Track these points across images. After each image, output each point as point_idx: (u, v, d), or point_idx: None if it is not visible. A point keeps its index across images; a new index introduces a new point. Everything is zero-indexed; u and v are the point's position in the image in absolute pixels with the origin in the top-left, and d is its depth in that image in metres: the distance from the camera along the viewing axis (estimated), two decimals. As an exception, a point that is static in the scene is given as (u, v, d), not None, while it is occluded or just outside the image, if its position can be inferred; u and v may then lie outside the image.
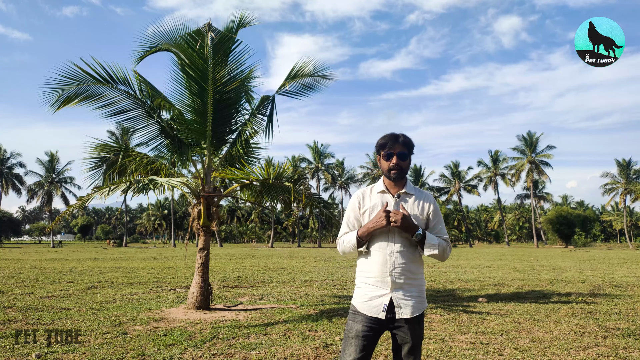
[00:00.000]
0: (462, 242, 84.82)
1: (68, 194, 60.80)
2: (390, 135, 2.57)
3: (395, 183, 2.57)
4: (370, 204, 2.56)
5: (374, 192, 2.60)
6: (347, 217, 2.65)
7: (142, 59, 7.84)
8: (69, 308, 7.53)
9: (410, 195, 2.57)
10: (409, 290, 2.46)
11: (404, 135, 2.58)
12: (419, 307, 2.48)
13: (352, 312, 2.55)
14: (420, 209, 2.55)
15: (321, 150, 68.79)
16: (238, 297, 9.14)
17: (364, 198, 2.61)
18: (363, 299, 2.50)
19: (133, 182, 7.03)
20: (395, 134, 2.57)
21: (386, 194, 2.57)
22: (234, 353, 4.85)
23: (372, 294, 2.47)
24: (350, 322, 2.53)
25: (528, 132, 65.43)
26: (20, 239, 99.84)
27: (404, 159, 2.54)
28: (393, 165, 2.52)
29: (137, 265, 18.47)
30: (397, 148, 2.53)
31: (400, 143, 2.54)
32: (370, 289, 2.49)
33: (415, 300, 2.47)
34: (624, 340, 5.44)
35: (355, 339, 2.45)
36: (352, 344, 2.45)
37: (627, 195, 61.15)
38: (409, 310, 2.43)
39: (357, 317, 2.50)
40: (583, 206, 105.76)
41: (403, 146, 2.54)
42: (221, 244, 63.48)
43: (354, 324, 2.49)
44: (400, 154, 2.53)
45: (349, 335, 2.49)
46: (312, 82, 8.29)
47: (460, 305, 8.18)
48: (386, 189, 2.58)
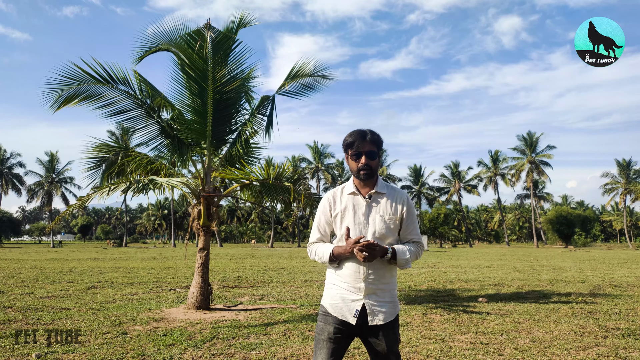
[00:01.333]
0: (462, 242, 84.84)
1: (68, 194, 60.86)
2: (357, 133, 2.43)
3: (365, 183, 2.47)
4: (342, 207, 2.47)
5: (345, 194, 2.49)
6: (318, 221, 2.54)
7: (141, 58, 7.84)
8: (69, 308, 7.53)
9: (382, 195, 2.47)
10: (382, 296, 2.38)
11: (371, 132, 2.44)
12: (392, 312, 2.41)
13: (323, 313, 2.45)
14: (394, 209, 2.45)
15: (321, 150, 68.80)
16: (238, 297, 9.14)
17: (335, 200, 2.50)
18: (334, 300, 2.41)
19: (133, 182, 7.04)
20: (362, 131, 2.43)
21: (357, 196, 2.46)
22: (234, 353, 4.85)
23: (344, 297, 2.38)
24: (320, 323, 2.43)
25: (528, 132, 65.51)
26: (20, 239, 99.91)
27: (373, 157, 2.41)
28: (362, 166, 2.40)
29: (137, 265, 18.47)
30: (365, 147, 2.40)
31: (368, 141, 2.41)
32: (342, 292, 2.40)
33: (388, 306, 2.39)
34: (624, 340, 5.44)
35: (327, 342, 2.36)
36: (323, 346, 2.37)
37: (627, 195, 61.15)
38: (382, 316, 2.36)
39: (328, 318, 2.41)
40: (583, 206, 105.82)
41: (372, 144, 2.41)
42: (221, 244, 63.49)
43: (325, 325, 2.40)
44: (369, 153, 2.40)
45: (319, 337, 2.40)
46: (312, 82, 8.29)
47: (460, 305, 8.18)
48: (357, 189, 2.47)
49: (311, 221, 75.02)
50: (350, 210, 2.44)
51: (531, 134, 65.22)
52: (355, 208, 2.45)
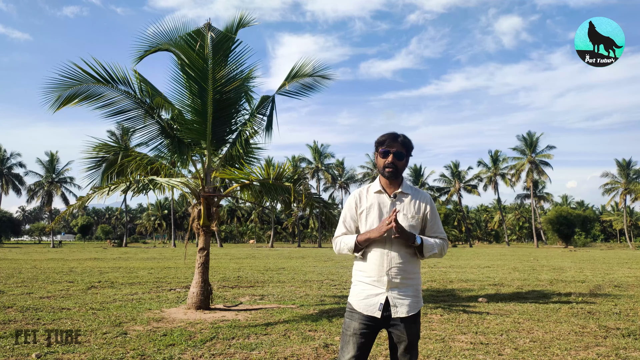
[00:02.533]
0: (462, 242, 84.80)
1: (68, 194, 60.82)
2: (390, 134, 2.58)
3: (390, 182, 2.58)
4: (367, 204, 2.58)
5: (371, 192, 2.61)
6: (344, 217, 2.66)
7: (141, 58, 7.84)
8: (69, 308, 7.53)
9: (406, 195, 2.58)
10: (405, 290, 2.48)
11: (404, 135, 2.60)
12: (415, 306, 2.49)
13: (349, 310, 2.56)
14: (417, 208, 2.56)
15: (321, 150, 68.78)
16: (238, 297, 9.14)
17: (361, 198, 2.62)
18: (359, 297, 2.52)
19: (133, 182, 7.04)
20: (395, 134, 2.58)
21: (383, 194, 2.58)
22: (234, 353, 4.85)
23: (368, 293, 2.49)
24: (347, 320, 2.54)
25: (528, 132, 65.48)
26: (20, 239, 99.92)
27: (400, 158, 2.54)
28: (388, 163, 2.53)
29: (137, 265, 18.47)
30: (394, 147, 2.54)
31: (398, 142, 2.55)
32: (366, 287, 2.51)
33: (411, 300, 2.48)
34: (624, 340, 5.44)
35: (353, 337, 2.46)
36: (349, 342, 2.47)
37: (627, 195, 61.14)
38: (405, 309, 2.45)
39: (354, 315, 2.51)
40: (583, 206, 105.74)
41: (401, 146, 2.55)
42: (221, 244, 63.48)
43: (351, 322, 2.51)
44: (397, 153, 2.54)
45: (346, 333, 2.51)
46: (312, 82, 8.29)
47: (460, 305, 8.18)
48: (382, 188, 2.59)
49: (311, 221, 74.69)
50: (375, 207, 2.56)
51: (531, 134, 65.23)
52: (381, 206, 2.56)
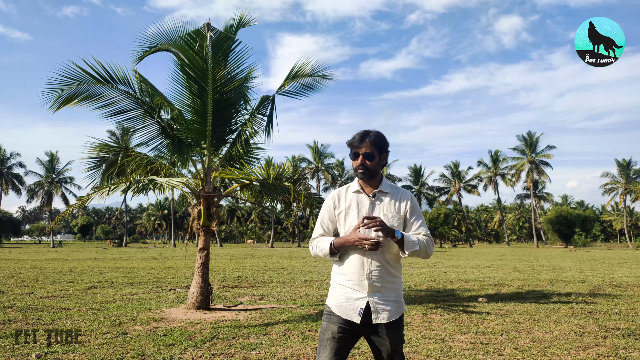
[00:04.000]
0: (462, 242, 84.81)
1: (68, 194, 60.81)
2: (359, 134, 2.50)
3: (367, 182, 2.52)
4: (346, 205, 2.52)
5: (349, 192, 2.55)
6: (322, 218, 2.59)
7: (141, 58, 7.84)
8: (69, 308, 7.53)
9: (385, 194, 2.51)
10: (387, 294, 2.40)
11: (375, 133, 2.50)
12: (397, 311, 2.41)
13: (327, 312, 2.48)
14: (397, 207, 2.49)
15: (321, 150, 68.77)
16: (238, 297, 9.14)
17: (339, 199, 2.56)
18: (338, 300, 2.44)
19: (133, 182, 7.03)
20: (363, 133, 2.50)
21: (361, 194, 2.51)
22: (234, 353, 4.85)
23: (348, 296, 2.40)
24: (325, 323, 2.46)
25: (528, 132, 65.50)
26: (20, 239, 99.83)
27: (370, 159, 2.46)
28: (358, 165, 2.47)
29: (137, 265, 18.47)
30: (363, 148, 2.46)
31: (367, 142, 2.47)
32: (346, 290, 2.42)
33: (393, 305, 2.40)
34: (624, 340, 5.44)
35: (331, 341, 2.38)
36: (327, 346, 2.39)
37: (627, 195, 61.14)
38: (386, 315, 2.37)
39: (332, 318, 2.43)
40: (583, 206, 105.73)
41: (371, 145, 2.46)
42: (221, 244, 63.48)
43: (330, 325, 2.42)
44: (366, 154, 2.46)
45: (324, 337, 2.42)
46: (312, 82, 8.29)
47: (460, 305, 8.18)
48: (361, 188, 2.53)
49: (311, 221, 74.54)
50: (354, 208, 2.50)
51: (531, 134, 65.23)
52: (359, 206, 2.50)
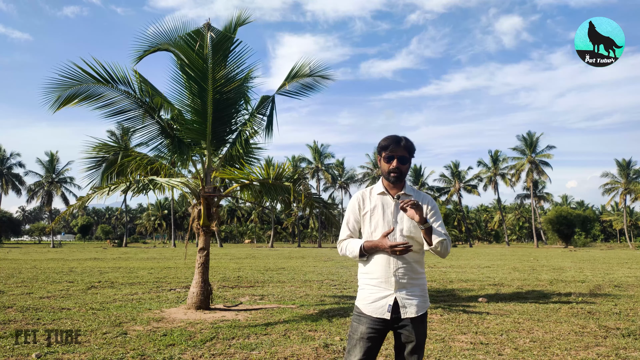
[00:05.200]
0: (462, 242, 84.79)
1: (68, 194, 60.78)
2: (392, 138, 2.58)
3: (394, 185, 2.60)
4: (371, 206, 2.60)
5: (374, 194, 2.63)
6: (347, 220, 2.67)
7: (141, 58, 7.83)
8: (69, 308, 7.53)
9: (409, 197, 2.60)
10: (412, 290, 2.49)
11: (406, 138, 2.60)
12: (423, 305, 2.51)
13: (357, 313, 2.56)
14: None
15: (321, 150, 68.77)
16: (238, 297, 9.14)
17: (364, 200, 2.64)
18: (367, 300, 2.52)
19: (133, 182, 7.04)
20: (398, 137, 2.59)
21: (386, 196, 2.60)
22: (234, 353, 4.85)
23: (377, 295, 2.49)
24: (354, 323, 2.54)
25: (528, 132, 65.44)
26: (20, 239, 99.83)
27: (404, 162, 2.57)
28: (393, 168, 2.55)
29: (137, 265, 18.46)
30: (398, 151, 2.55)
31: (402, 147, 2.56)
32: (373, 290, 2.51)
33: (419, 300, 2.50)
34: (624, 340, 5.44)
35: (361, 341, 2.46)
36: (357, 345, 2.47)
37: (627, 195, 61.14)
38: (414, 309, 2.47)
39: (361, 318, 2.51)
40: (583, 206, 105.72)
41: (404, 150, 2.57)
42: (221, 244, 63.48)
43: (359, 325, 2.50)
44: (401, 158, 2.56)
45: (353, 337, 2.50)
46: (312, 82, 8.29)
47: (460, 305, 8.18)
48: (385, 190, 2.61)
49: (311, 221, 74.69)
50: (379, 209, 2.58)
51: (531, 134, 65.21)
52: (384, 207, 2.58)
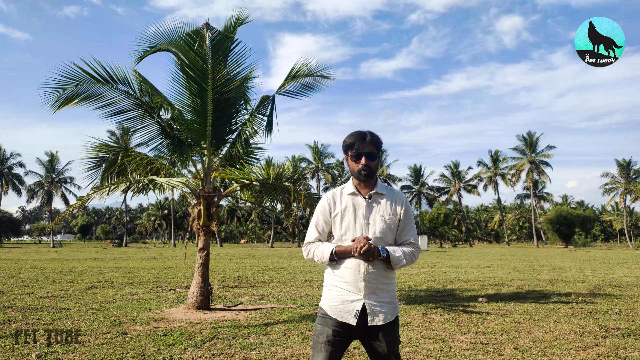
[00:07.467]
0: (462, 242, 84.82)
1: (68, 194, 60.81)
2: (357, 134, 2.47)
3: (364, 183, 2.50)
4: (342, 207, 2.49)
5: (345, 194, 2.52)
6: (316, 221, 2.55)
7: (141, 59, 7.84)
8: (69, 308, 7.53)
9: (381, 196, 2.50)
10: (382, 296, 2.38)
11: (371, 133, 2.49)
12: (392, 312, 2.41)
13: (322, 315, 2.44)
14: (393, 209, 2.48)
15: (321, 150, 68.79)
16: (238, 297, 9.14)
17: (335, 201, 2.53)
18: (334, 302, 2.41)
19: (133, 182, 7.04)
20: (362, 133, 2.48)
21: (357, 196, 2.49)
22: (234, 353, 4.85)
23: (344, 298, 2.38)
24: (319, 326, 2.43)
25: (528, 132, 65.50)
26: (20, 239, 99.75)
27: (372, 158, 2.45)
28: (362, 167, 2.44)
29: (137, 265, 18.47)
30: (365, 148, 2.44)
31: (368, 142, 2.45)
32: (341, 292, 2.39)
33: (389, 306, 2.40)
34: (624, 340, 5.44)
35: (326, 345, 2.36)
36: (322, 349, 2.36)
37: (627, 195, 61.13)
38: (382, 316, 2.36)
39: (327, 321, 2.40)
40: (583, 206, 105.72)
41: (371, 145, 2.45)
42: (221, 244, 63.48)
43: (324, 328, 2.39)
44: (369, 154, 2.44)
45: (318, 340, 2.39)
46: (313, 82, 8.29)
47: (460, 305, 8.18)
48: (356, 190, 2.50)
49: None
50: (350, 210, 2.47)
51: (531, 134, 65.24)
52: (356, 208, 2.47)
